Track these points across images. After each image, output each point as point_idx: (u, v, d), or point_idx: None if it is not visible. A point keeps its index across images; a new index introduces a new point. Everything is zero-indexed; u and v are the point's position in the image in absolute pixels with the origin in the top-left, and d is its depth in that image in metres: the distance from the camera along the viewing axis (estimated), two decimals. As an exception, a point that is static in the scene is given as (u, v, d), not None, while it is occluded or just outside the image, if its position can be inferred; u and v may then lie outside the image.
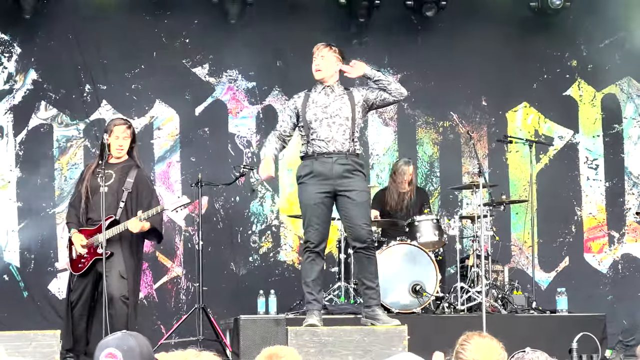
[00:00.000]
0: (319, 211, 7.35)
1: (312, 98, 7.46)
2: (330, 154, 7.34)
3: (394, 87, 7.45)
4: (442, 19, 11.03)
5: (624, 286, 11.16)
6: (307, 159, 7.43)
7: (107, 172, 7.98)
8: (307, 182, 7.40)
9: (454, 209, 11.03)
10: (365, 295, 7.52)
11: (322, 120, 7.37)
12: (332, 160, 7.34)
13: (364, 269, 7.51)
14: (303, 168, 7.47)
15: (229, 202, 10.96)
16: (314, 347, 6.95)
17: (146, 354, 3.56)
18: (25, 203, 10.67)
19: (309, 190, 7.38)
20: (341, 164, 7.35)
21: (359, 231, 7.38)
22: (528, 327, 8.98)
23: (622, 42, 11.29)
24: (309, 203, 7.38)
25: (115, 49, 10.77)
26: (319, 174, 7.35)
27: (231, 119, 11.09)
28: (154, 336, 9.48)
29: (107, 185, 7.93)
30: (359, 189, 7.39)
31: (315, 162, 7.37)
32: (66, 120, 10.86)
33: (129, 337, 3.56)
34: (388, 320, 7.36)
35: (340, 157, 7.35)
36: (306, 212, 7.42)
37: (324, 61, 7.48)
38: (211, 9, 10.80)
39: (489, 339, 3.94)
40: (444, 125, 11.29)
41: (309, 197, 7.37)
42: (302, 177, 7.45)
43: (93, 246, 7.95)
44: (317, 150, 7.37)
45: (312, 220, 7.37)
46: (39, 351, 6.81)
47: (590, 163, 11.39)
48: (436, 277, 9.29)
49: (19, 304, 10.53)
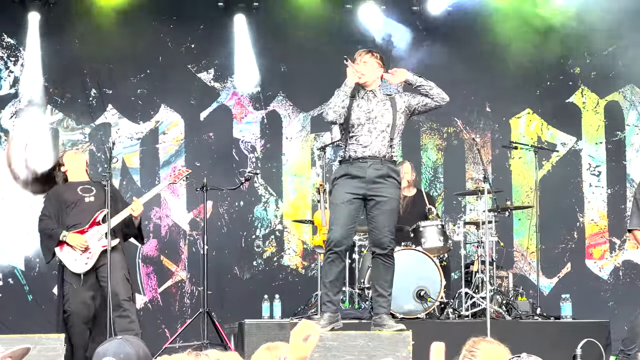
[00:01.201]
0: (346, 211, 7.33)
1: (357, 102, 7.44)
2: (366, 158, 7.35)
3: (436, 92, 7.46)
4: (446, 25, 11.06)
5: (625, 292, 11.18)
6: (344, 162, 7.44)
7: (85, 187, 8.33)
8: (340, 183, 7.40)
9: (458, 214, 11.06)
10: (376, 302, 7.52)
11: (364, 124, 7.38)
12: (367, 165, 7.36)
13: (379, 276, 7.49)
14: (338, 171, 7.48)
15: (233, 207, 10.99)
16: (317, 351, 6.95)
17: (143, 358, 3.59)
18: (31, 206, 10.69)
19: (340, 191, 7.37)
20: (376, 169, 7.36)
21: (381, 238, 7.38)
22: (532, 333, 8.99)
23: (626, 49, 11.31)
24: (337, 202, 7.37)
25: (121, 53, 10.80)
26: (353, 176, 7.37)
27: (236, 124, 11.13)
28: (158, 340, 9.51)
29: (93, 196, 8.25)
30: (389, 195, 7.37)
31: (351, 166, 7.39)
32: (72, 124, 10.89)
33: (125, 344, 3.59)
34: (394, 325, 7.37)
35: (375, 162, 7.36)
36: (333, 211, 7.44)
37: (367, 67, 7.46)
38: (217, 14, 10.84)
39: (496, 344, 3.96)
40: (448, 131, 11.32)
41: (339, 196, 7.36)
42: (337, 179, 7.45)
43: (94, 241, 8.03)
44: (353, 155, 7.37)
45: (336, 220, 7.36)
46: (44, 355, 6.81)
47: (593, 170, 11.41)
48: (441, 283, 9.30)
49: (24, 307, 10.56)
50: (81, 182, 8.42)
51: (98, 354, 3.59)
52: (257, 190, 11.06)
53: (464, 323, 9.17)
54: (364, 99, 7.45)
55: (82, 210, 8.17)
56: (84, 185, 8.36)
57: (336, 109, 7.29)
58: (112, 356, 3.55)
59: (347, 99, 7.31)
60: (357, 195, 7.34)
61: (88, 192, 8.29)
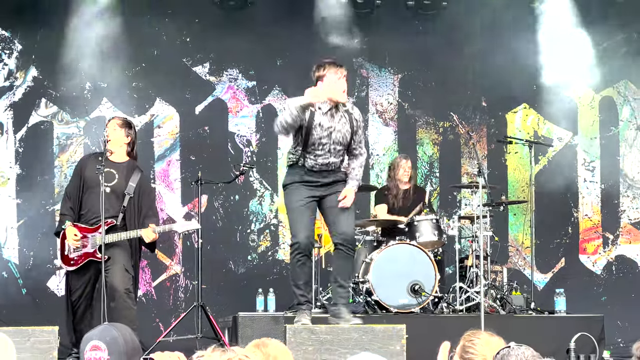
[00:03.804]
0: (308, 214, 7.39)
1: (318, 120, 7.32)
2: (322, 171, 7.37)
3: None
4: (443, 20, 11.05)
5: (618, 287, 11.22)
6: (297, 167, 7.42)
7: (109, 171, 7.97)
8: (295, 188, 7.40)
9: (453, 209, 11.06)
10: (337, 293, 7.54)
11: (325, 145, 7.35)
12: (322, 175, 7.38)
13: (341, 266, 7.52)
14: (292, 176, 7.45)
15: (228, 201, 10.98)
16: (312, 345, 6.97)
17: (130, 341, 3.63)
18: (24, 200, 10.69)
19: (296, 195, 7.38)
20: (330, 173, 7.41)
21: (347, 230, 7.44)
22: (526, 327, 9.00)
23: (621, 45, 11.32)
24: (294, 206, 7.39)
25: (116, 46, 10.77)
26: (308, 182, 7.38)
27: (231, 117, 11.12)
28: (152, 334, 9.51)
29: (110, 186, 7.96)
30: None
31: (305, 174, 7.38)
32: (66, 117, 10.88)
33: (111, 328, 3.64)
34: (351, 319, 7.39)
35: (330, 173, 7.39)
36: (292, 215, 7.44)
37: (347, 83, 7.39)
38: (212, 7, 10.83)
39: (495, 337, 3.97)
40: (444, 125, 11.32)
41: (295, 200, 7.38)
42: (290, 185, 7.45)
43: (88, 247, 7.95)
44: (309, 165, 7.37)
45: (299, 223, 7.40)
46: (37, 347, 6.82)
47: (588, 165, 11.42)
48: (435, 277, 9.31)
49: (18, 300, 10.54)
50: (112, 162, 8.06)
51: (84, 341, 3.65)
52: (253, 185, 11.06)
53: (458, 317, 9.19)
54: (326, 115, 7.32)
55: (92, 200, 7.95)
56: (109, 169, 7.96)
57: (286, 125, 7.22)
58: (98, 339, 3.59)
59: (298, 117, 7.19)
60: (313, 197, 7.38)
61: (109, 181, 7.95)
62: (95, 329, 3.68)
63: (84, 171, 8.08)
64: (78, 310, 8.04)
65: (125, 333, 3.62)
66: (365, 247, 9.69)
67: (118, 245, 7.94)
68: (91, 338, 3.60)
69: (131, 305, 7.89)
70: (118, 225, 7.97)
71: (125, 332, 3.62)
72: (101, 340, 3.58)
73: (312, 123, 7.26)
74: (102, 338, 3.58)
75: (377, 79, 11.30)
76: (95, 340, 3.59)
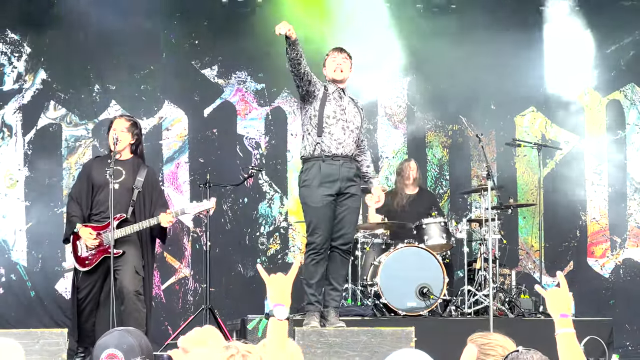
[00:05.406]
0: (329, 214, 7.38)
1: (330, 96, 7.44)
2: (338, 157, 7.36)
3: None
4: (451, 23, 11.05)
5: (626, 291, 11.21)
6: (313, 160, 7.43)
7: (116, 168, 7.99)
8: (313, 185, 7.39)
9: (464, 212, 11.05)
10: (329, 295, 7.57)
11: (339, 120, 7.39)
12: (339, 164, 7.37)
13: (336, 269, 7.55)
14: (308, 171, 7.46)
15: (237, 204, 10.98)
16: (320, 348, 6.98)
17: (145, 348, 3.61)
18: (33, 202, 10.70)
19: (316, 193, 7.38)
20: (348, 167, 7.39)
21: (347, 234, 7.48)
22: (535, 330, 8.98)
23: (628, 48, 11.32)
24: (316, 205, 7.38)
25: (125, 49, 10.79)
26: (327, 175, 7.37)
27: (240, 120, 11.12)
28: (161, 336, 9.52)
29: (118, 182, 7.98)
30: (357, 193, 7.53)
31: (323, 163, 7.38)
32: (75, 120, 10.89)
33: (127, 335, 3.60)
34: (337, 322, 7.44)
35: (346, 160, 7.39)
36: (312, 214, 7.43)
37: (345, 64, 7.51)
38: (221, 10, 10.83)
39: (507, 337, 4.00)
40: (454, 128, 11.32)
41: (315, 199, 7.38)
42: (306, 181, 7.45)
43: (103, 243, 7.96)
44: (326, 150, 7.36)
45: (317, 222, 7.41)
46: (46, 349, 6.84)
47: (595, 168, 11.42)
48: (443, 280, 9.31)
49: (26, 303, 10.55)
50: (117, 160, 8.06)
51: (99, 347, 3.60)
52: (262, 187, 11.06)
53: (466, 320, 9.18)
54: (335, 93, 7.47)
55: (102, 199, 7.97)
56: (116, 167, 7.97)
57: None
58: (115, 348, 3.55)
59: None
60: (332, 195, 7.41)
61: (116, 177, 7.95)
62: (111, 335, 3.63)
63: (91, 174, 8.12)
64: (84, 310, 8.03)
65: (140, 339, 3.60)
66: (374, 250, 9.69)
67: (130, 242, 7.96)
68: (107, 345, 3.56)
69: (140, 308, 7.88)
70: (129, 218, 7.99)
71: (141, 338, 3.61)
72: (118, 349, 3.55)
73: (326, 96, 7.38)
74: (119, 346, 3.55)
75: (387, 82, 11.30)
76: (112, 349, 3.56)
